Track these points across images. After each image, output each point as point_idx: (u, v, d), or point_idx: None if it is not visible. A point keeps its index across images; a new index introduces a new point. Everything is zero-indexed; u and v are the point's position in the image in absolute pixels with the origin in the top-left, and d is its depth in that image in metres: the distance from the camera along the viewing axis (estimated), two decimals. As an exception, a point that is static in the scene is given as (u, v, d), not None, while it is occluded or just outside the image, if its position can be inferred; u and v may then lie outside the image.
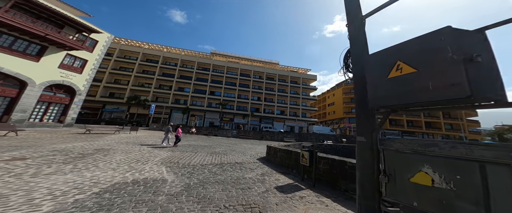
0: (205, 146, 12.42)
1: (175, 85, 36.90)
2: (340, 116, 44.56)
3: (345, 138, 31.33)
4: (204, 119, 36.91)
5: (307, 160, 4.78)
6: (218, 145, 14.32)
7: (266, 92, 39.98)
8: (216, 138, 22.86)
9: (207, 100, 37.50)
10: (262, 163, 8.04)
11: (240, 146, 15.67)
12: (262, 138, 28.27)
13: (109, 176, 4.31)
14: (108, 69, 32.33)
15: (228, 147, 13.50)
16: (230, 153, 10.22)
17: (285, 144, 12.06)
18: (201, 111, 36.81)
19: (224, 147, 12.89)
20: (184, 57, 39.58)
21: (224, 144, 15.50)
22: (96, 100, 29.96)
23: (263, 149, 13.82)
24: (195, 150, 10.40)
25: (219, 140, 20.87)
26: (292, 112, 40.44)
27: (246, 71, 41.72)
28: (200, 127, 30.99)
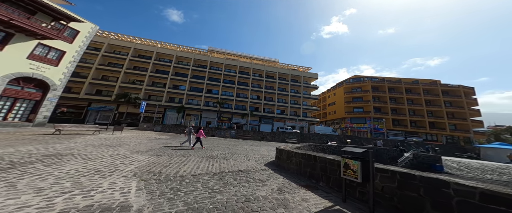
0: (199, 148, 10.56)
1: (169, 82, 34.74)
2: (341, 116, 43.28)
3: (349, 139, 29.95)
4: (201, 119, 34.86)
5: (357, 174, 3.04)
6: (216, 146, 12.47)
7: (266, 90, 38.28)
8: (213, 139, 20.98)
9: (204, 98, 35.48)
10: (273, 171, 6.30)
11: (240, 147, 13.84)
12: (263, 139, 26.56)
13: (18, 204, 2.45)
14: (94, 65, 29.90)
15: (228, 149, 11.86)
16: (230, 157, 8.53)
17: (296, 146, 10.36)
18: (197, 110, 34.75)
19: (222, 149, 11.10)
20: (179, 53, 37.47)
21: (222, 145, 13.76)
22: (80, 98, 27.50)
23: (267, 151, 12.48)
24: (187, 153, 8.63)
25: (216, 141, 19.01)
26: (293, 112, 38.87)
27: (245, 69, 39.94)
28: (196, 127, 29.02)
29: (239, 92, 38.34)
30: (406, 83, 40.20)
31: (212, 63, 39.01)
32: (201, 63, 38.91)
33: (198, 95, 35.44)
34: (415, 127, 38.37)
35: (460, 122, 37.36)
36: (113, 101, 28.27)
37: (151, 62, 34.39)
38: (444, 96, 38.64)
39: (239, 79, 38.71)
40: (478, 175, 18.13)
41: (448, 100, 38.66)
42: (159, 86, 34.43)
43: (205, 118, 35.12)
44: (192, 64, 37.19)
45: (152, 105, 31.03)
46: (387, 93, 39.47)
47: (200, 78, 37.00)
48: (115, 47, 33.90)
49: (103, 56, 31.49)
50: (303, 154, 5.78)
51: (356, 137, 32.31)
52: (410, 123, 38.31)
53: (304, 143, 29.65)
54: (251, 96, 37.94)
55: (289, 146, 9.36)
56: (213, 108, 34.96)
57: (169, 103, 33.26)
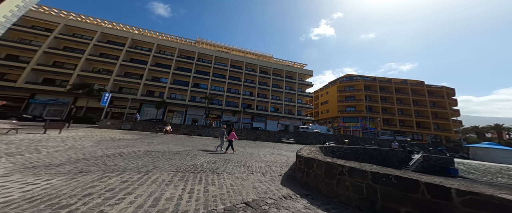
0: (178, 152, 7.01)
1: (147, 74, 27.75)
2: (334, 115, 40.27)
3: (347, 139, 26.40)
4: (186, 116, 28.58)
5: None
6: (202, 150, 8.55)
7: (260, 86, 33.29)
8: (199, 139, 15.43)
9: (189, 93, 29.19)
10: (307, 201, 2.68)
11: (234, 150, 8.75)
12: (258, 138, 21.51)
13: None
14: (42, 48, 21.76)
15: (217, 153, 8.05)
16: (223, 169, 4.94)
17: (314, 149, 5.81)
18: (182, 106, 28.40)
19: (211, 155, 7.33)
20: (162, 42, 30.52)
21: (209, 148, 9.57)
22: (18, 88, 19.47)
23: (269, 155, 9.03)
24: (154, 161, 5.20)
25: (203, 141, 13.58)
26: (287, 110, 34.58)
27: (237, 63, 34.44)
28: (179, 124, 22.86)
29: (230, 87, 32.76)
30: (396, 83, 38.49)
31: (201, 55, 32.78)
32: (187, 54, 32.41)
33: (183, 89, 29.05)
34: (403, 126, 36.79)
35: (443, 121, 36.72)
36: (68, 93, 20.67)
37: (124, 49, 27.03)
38: (429, 97, 37.83)
39: (230, 73, 33.12)
40: (491, 178, 15.92)
41: (432, 100, 37.86)
42: (134, 77, 27.23)
43: (191, 115, 28.93)
44: (176, 55, 30.55)
45: (124, 99, 24.01)
46: (378, 92, 37.28)
47: (186, 71, 30.57)
48: (75, 30, 25.77)
49: (56, 38, 23.38)
50: (373, 172, 1.02)
51: (352, 136, 29.05)
52: (399, 122, 36.72)
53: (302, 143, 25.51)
54: (243, 92, 32.63)
55: (311, 150, 4.60)
56: (201, 104, 28.92)
57: (146, 97, 26.35)
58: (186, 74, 29.93)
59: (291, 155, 9.55)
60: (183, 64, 31.23)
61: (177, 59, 30.20)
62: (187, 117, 28.50)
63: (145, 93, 27.17)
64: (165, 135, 16.08)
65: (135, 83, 26.33)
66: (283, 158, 8.08)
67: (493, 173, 15.94)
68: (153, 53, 28.77)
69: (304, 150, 5.65)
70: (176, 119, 28.19)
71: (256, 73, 33.73)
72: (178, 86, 28.81)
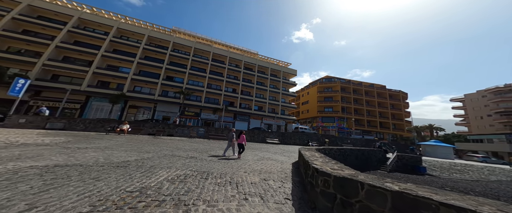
0: (123, 164, 4.23)
1: (100, 61, 20.96)
2: (313, 115, 40.52)
3: (327, 139, 25.79)
4: (155, 112, 22.92)
5: None
6: (170, 156, 6.05)
7: (244, 83, 30.11)
8: (169, 141, 11.28)
9: (160, 86, 23.63)
10: None
11: (216, 156, 6.94)
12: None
13: None
14: None
15: (192, 161, 5.36)
16: (197, 194, 2.66)
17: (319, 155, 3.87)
18: (149, 101, 22.65)
19: (180, 163, 4.91)
20: (124, 26, 23.89)
21: (181, 153, 6.82)
22: None
23: (258, 161, 6.54)
24: (47, 189, 2.39)
25: (174, 143, 10.09)
26: (270, 109, 32.50)
27: (220, 57, 30.39)
28: (141, 122, 17.53)
29: (211, 82, 28.46)
30: (365, 86, 41.51)
31: (177, 45, 27.41)
32: (159, 42, 26.54)
33: (152, 81, 23.29)
34: (369, 126, 39.71)
35: (398, 122, 41.31)
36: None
37: (65, 29, 19.63)
38: (389, 100, 42.17)
39: (212, 68, 28.83)
40: (448, 174, 16.46)
41: (392, 102, 42.38)
42: (79, 63, 20.10)
43: (162, 112, 23.41)
44: (145, 42, 24.44)
45: (60, 90, 17.09)
46: (352, 94, 39.25)
47: (156, 61, 24.80)
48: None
49: None
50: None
51: (332, 136, 28.98)
52: (367, 122, 39.50)
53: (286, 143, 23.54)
54: (226, 89, 28.82)
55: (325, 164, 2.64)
56: (174, 99, 23.75)
57: (96, 89, 19.71)
58: (157, 65, 24.25)
59: (282, 159, 7.53)
60: (154, 54, 25.33)
61: (145, 47, 24.17)
62: (156, 114, 22.90)
63: (95, 84, 20.40)
64: (118, 137, 11.29)
65: (80, 70, 19.37)
66: (276, 165, 6.13)
67: (447, 169, 16.69)
68: (110, 37, 22.10)
69: (318, 161, 3.71)
70: (142, 116, 22.30)
71: (240, 69, 30.47)
72: (145, 78, 22.92)
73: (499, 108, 36.60)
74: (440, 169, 17.09)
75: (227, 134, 7.84)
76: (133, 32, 24.41)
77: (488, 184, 12.01)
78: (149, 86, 23.54)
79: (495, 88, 38.01)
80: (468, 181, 13.10)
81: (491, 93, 38.51)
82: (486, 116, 39.05)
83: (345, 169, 2.89)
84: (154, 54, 25.33)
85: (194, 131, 17.73)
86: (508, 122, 34.80)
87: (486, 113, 38.99)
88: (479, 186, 11.43)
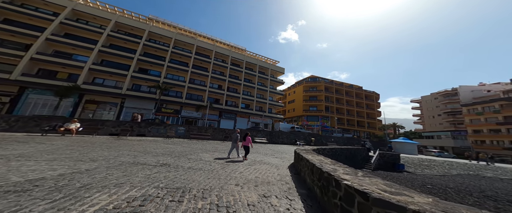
0: (32, 183, 2.44)
1: (43, 45, 16.06)
2: (299, 113, 40.57)
3: (313, 137, 25.32)
4: (122, 110, 18.80)
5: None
6: (121, 167, 3.85)
7: (231, 80, 27.77)
8: (137, 143, 8.40)
9: (130, 79, 19.61)
10: None
11: (196, 161, 5.76)
12: (227, 138, 16.06)
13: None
14: None
15: (158, 174, 3.45)
16: None
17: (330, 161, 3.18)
18: (115, 96, 18.48)
19: (143, 174, 3.33)
20: (81, 7, 19.10)
21: (147, 160, 4.75)
22: None
23: (250, 165, 5.27)
24: None
25: (142, 146, 7.82)
26: (258, 107, 30.92)
27: (205, 51, 27.44)
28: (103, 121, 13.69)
29: (194, 77, 25.30)
30: (346, 87, 43.68)
31: (153, 35, 23.51)
32: (131, 30, 22.26)
33: (119, 73, 19.11)
34: (348, 125, 41.77)
35: (372, 121, 44.60)
36: None
37: None
38: (365, 100, 45.28)
39: (195, 62, 25.71)
40: (421, 171, 16.83)
41: (367, 102, 45.62)
42: (9, 46, 14.97)
43: (132, 108, 19.38)
44: (110, 28, 20.04)
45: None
46: (334, 94, 40.68)
47: (126, 51, 20.60)
48: None
49: None
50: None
51: (317, 135, 28.87)
52: (346, 121, 41.44)
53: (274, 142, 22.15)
54: (211, 85, 26.01)
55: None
56: (149, 94, 20.01)
57: (34, 78, 14.84)
58: (127, 55, 20.13)
59: (276, 162, 6.43)
60: (122, 42, 21.04)
61: (111, 34, 19.82)
62: (124, 111, 18.81)
63: (35, 73, 15.48)
64: (60, 139, 8.06)
65: (11, 55, 14.35)
66: (271, 170, 4.89)
67: (418, 165, 17.01)
68: (61, 19, 17.29)
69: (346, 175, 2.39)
70: (109, 113, 18.00)
71: (227, 65, 28.07)
72: (109, 68, 18.65)
73: (447, 109, 42.71)
74: (413, 165, 17.43)
75: (231, 135, 7.69)
76: (95, 16, 19.81)
77: (455, 179, 12.14)
78: (115, 79, 19.29)
79: (444, 91, 44.33)
80: (438, 176, 13.24)
81: (441, 95, 44.74)
82: (437, 116, 45.09)
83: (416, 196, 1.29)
84: (123, 43, 21.04)
85: (172, 130, 14.79)
86: (453, 121, 40.86)
87: (437, 113, 45.07)
88: (450, 181, 11.65)
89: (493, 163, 18.38)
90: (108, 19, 20.22)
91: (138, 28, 22.15)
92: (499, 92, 34.46)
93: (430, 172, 15.50)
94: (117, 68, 19.01)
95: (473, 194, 8.80)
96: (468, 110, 35.57)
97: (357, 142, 28.26)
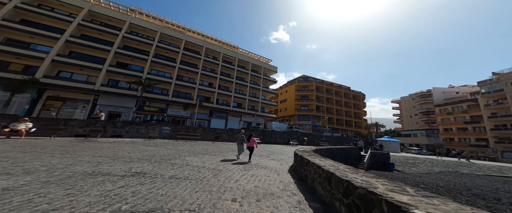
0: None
1: None
2: (291, 113, 40.33)
3: (306, 137, 24.81)
4: (94, 106, 16.23)
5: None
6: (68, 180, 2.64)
7: (222, 77, 26.20)
8: (108, 145, 6.55)
9: (105, 74, 17.09)
10: None
11: (180, 168, 4.41)
12: (218, 139, 14.65)
13: None
14: None
15: (125, 189, 2.42)
16: None
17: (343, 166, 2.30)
18: (86, 92, 15.88)
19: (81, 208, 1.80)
20: None
21: (115, 168, 3.60)
22: None
23: (245, 170, 4.42)
24: None
25: (114, 149, 6.14)
26: (250, 106, 29.80)
27: (195, 47, 25.53)
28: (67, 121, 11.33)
29: (182, 74, 23.29)
30: (335, 87, 44.69)
31: (135, 27, 21.08)
32: (108, 21, 19.57)
33: (92, 67, 16.51)
34: (337, 124, 42.66)
35: (358, 120, 46.25)
36: None
37: None
38: (353, 100, 46.83)
39: (184, 58, 23.69)
40: (408, 168, 16.00)
41: (354, 102, 47.22)
42: None
43: (108, 106, 16.85)
44: (82, 17, 17.27)
45: None
46: (324, 93, 41.29)
47: (101, 42, 17.99)
48: None
49: None
50: None
51: (309, 134, 28.58)
52: (336, 120, 42.29)
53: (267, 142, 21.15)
54: (201, 82, 24.18)
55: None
56: (129, 91, 17.67)
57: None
58: (101, 47, 17.57)
59: (274, 165, 5.63)
60: (97, 33, 18.37)
61: (82, 24, 17.13)
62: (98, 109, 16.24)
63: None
64: (1, 142, 6.03)
65: None
66: (272, 176, 3.95)
67: (404, 163, 17.33)
68: (16, 3, 14.35)
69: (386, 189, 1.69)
70: (82, 111, 15.32)
71: (219, 62, 26.49)
72: (78, 61, 16.02)
73: (422, 109, 46.07)
74: (401, 164, 17.43)
75: (237, 136, 6.79)
76: (63, 3, 16.96)
77: (441, 177, 12.18)
78: (87, 73, 16.65)
79: (420, 93, 47.82)
80: (425, 175, 13.17)
81: (418, 96, 48.18)
82: (414, 115, 48.39)
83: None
84: (97, 34, 18.39)
85: (155, 130, 12.97)
86: (428, 120, 44.19)
87: (414, 113, 48.40)
88: (438, 179, 11.60)
89: (469, 160, 19.57)
90: (79, 7, 17.49)
91: (117, 19, 19.62)
92: (467, 93, 37.96)
93: (417, 170, 15.55)
94: (89, 61, 16.41)
95: (463, 192, 8.76)
96: (440, 110, 38.53)
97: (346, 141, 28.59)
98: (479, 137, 30.85)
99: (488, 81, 30.11)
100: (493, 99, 29.01)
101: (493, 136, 28.25)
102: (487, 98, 29.76)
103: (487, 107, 29.33)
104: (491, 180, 11.90)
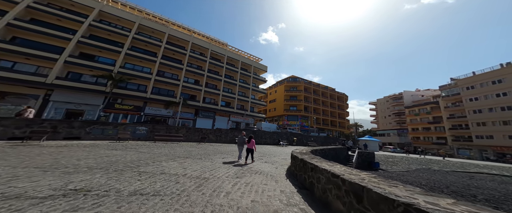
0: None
1: None
2: (280, 113, 40.15)
3: (295, 137, 24.47)
4: (48, 104, 13.05)
5: None
6: None
7: (210, 75, 24.38)
8: (51, 151, 5.68)
9: (63, 66, 14.02)
10: None
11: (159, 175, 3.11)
12: (204, 139, 13.02)
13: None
14: None
15: None
16: None
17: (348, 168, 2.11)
18: (36, 86, 12.68)
19: None
20: None
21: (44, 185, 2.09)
22: None
23: (236, 177, 3.47)
24: None
25: (55, 155, 4.30)
26: (239, 105, 28.50)
27: (179, 41, 23.25)
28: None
29: (164, 69, 20.83)
30: (322, 88, 46.19)
31: (106, 16, 18.11)
32: (71, 6, 16.36)
33: (45, 56, 13.34)
34: (323, 124, 43.98)
35: (342, 120, 48.51)
36: None
37: None
38: (337, 101, 49.03)
39: (166, 52, 21.28)
40: (390, 167, 16.29)
41: (338, 103, 49.48)
42: None
43: (65, 103, 13.74)
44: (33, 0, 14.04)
45: None
46: (312, 94, 42.23)
47: (59, 29, 14.88)
48: None
49: None
50: None
51: (299, 134, 28.43)
52: (322, 121, 43.56)
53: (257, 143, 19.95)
54: (186, 79, 22.02)
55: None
56: (95, 86, 14.80)
57: None
58: (59, 35, 14.45)
59: (268, 169, 4.82)
60: (55, 19, 15.12)
61: (33, 6, 13.87)
62: (51, 106, 13.14)
63: None
64: None
65: None
66: (269, 184, 3.25)
67: (386, 162, 17.68)
68: None
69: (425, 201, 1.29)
70: (28, 113, 11.94)
71: (206, 59, 24.64)
72: (24, 49, 12.78)
73: (394, 110, 50.72)
74: (383, 162, 17.67)
75: (239, 137, 5.99)
76: None
77: (420, 175, 12.36)
78: (37, 63, 13.41)
79: (393, 95, 52.63)
80: (406, 173, 13.35)
81: (391, 98, 52.92)
82: (388, 116, 52.92)
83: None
84: (55, 19, 15.16)
85: (126, 130, 10.81)
86: (399, 120, 48.72)
87: (388, 114, 53.01)
88: (419, 178, 11.51)
89: (445, 158, 21.12)
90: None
91: (82, 5, 16.58)
92: (430, 97, 42.90)
93: (398, 168, 15.82)
94: (40, 50, 13.24)
95: (443, 190, 8.91)
96: (408, 111, 42.70)
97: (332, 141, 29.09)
98: (440, 136, 34.72)
99: (447, 85, 34.32)
100: (451, 101, 33.00)
101: (451, 135, 31.99)
102: (446, 101, 33.77)
103: (446, 109, 33.22)
104: (459, 176, 12.54)
